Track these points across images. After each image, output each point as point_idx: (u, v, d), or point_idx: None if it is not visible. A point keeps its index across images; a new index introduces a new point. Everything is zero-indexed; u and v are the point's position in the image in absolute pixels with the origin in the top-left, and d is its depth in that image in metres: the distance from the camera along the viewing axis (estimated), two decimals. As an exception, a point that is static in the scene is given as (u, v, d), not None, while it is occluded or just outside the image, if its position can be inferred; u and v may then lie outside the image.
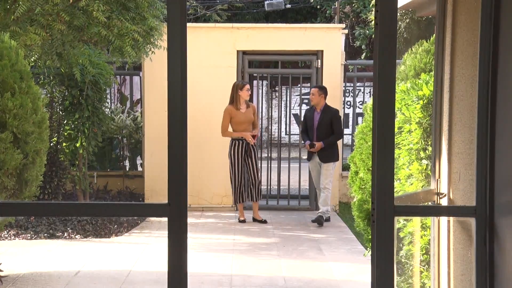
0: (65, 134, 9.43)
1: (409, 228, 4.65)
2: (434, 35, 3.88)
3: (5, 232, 8.27)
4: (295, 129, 19.34)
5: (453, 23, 3.58)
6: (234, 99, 9.13)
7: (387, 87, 2.74)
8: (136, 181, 10.86)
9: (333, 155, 9.23)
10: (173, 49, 2.66)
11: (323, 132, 9.12)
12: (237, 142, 9.13)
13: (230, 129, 9.25)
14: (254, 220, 9.34)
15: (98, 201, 10.01)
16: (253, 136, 9.13)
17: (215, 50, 10.10)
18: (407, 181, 4.65)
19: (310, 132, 9.26)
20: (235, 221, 9.42)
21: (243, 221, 9.30)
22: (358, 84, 12.37)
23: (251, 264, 7.08)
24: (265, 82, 13.21)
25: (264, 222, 9.30)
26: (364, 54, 19.48)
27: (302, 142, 9.66)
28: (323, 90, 9.23)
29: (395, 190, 2.82)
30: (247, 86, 9.20)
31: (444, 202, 3.68)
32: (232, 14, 19.93)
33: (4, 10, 7.16)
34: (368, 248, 6.62)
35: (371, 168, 2.79)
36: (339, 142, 10.06)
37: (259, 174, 9.27)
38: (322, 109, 9.18)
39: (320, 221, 9.12)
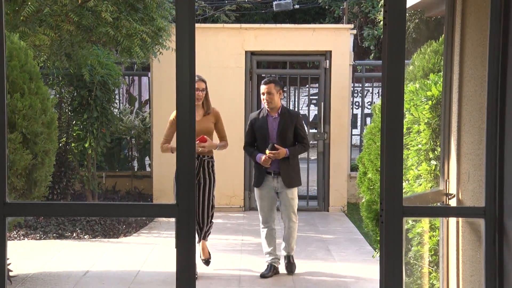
0: (74, 134, 9.46)
1: (418, 229, 4.64)
2: (443, 35, 3.87)
3: (15, 232, 8.30)
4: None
5: (462, 23, 3.56)
6: None
7: (395, 87, 2.73)
8: (144, 182, 10.88)
9: (299, 177, 6.72)
10: (181, 49, 2.66)
11: (286, 144, 6.46)
12: None
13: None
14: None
15: (106, 201, 10.03)
16: (203, 140, 6.29)
17: (224, 50, 10.11)
18: (416, 182, 4.64)
19: (263, 145, 6.47)
20: (243, 222, 9.42)
21: (207, 262, 6.70)
22: (366, 84, 12.35)
23: (260, 264, 7.08)
24: (273, 83, 13.17)
25: (206, 263, 6.67)
26: (372, 55, 19.45)
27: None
28: (279, 85, 6.56)
29: (403, 190, 2.82)
30: (198, 85, 6.26)
31: (453, 203, 3.67)
32: (240, 15, 19.93)
33: (13, 11, 7.19)
34: (376, 249, 6.62)
35: (379, 169, 2.78)
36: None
37: (210, 209, 6.54)
38: (280, 112, 6.51)
39: (293, 267, 6.68)
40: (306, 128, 6.83)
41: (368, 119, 13.59)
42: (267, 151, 6.36)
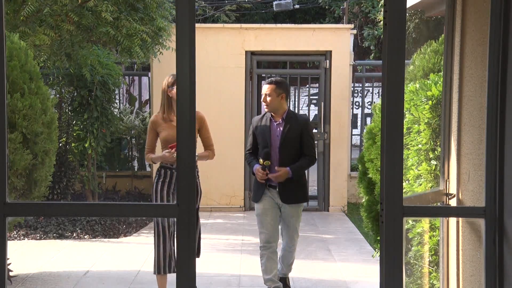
0: (74, 134, 9.46)
1: (418, 228, 4.64)
2: (443, 35, 3.87)
3: (15, 232, 8.30)
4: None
5: (462, 23, 3.56)
6: (162, 105, 5.59)
7: (395, 87, 2.73)
8: (144, 182, 10.88)
9: (304, 192, 5.74)
10: (181, 49, 2.66)
11: (290, 154, 5.53)
12: (163, 171, 5.67)
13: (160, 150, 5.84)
14: None
15: (107, 201, 10.02)
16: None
17: (224, 50, 10.11)
18: (416, 182, 4.64)
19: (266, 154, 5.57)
20: (243, 222, 9.42)
21: None
22: (366, 84, 12.35)
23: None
24: (273, 83, 13.16)
25: None
26: (372, 55, 19.46)
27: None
28: (283, 87, 5.56)
29: (404, 190, 2.82)
30: None
31: (453, 202, 3.67)
32: (240, 15, 19.94)
33: (13, 11, 7.19)
34: (376, 249, 6.61)
35: (379, 169, 2.78)
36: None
37: (198, 226, 5.77)
38: (285, 117, 5.57)
39: None
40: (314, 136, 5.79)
41: (368, 119, 13.59)
42: (261, 160, 5.48)
